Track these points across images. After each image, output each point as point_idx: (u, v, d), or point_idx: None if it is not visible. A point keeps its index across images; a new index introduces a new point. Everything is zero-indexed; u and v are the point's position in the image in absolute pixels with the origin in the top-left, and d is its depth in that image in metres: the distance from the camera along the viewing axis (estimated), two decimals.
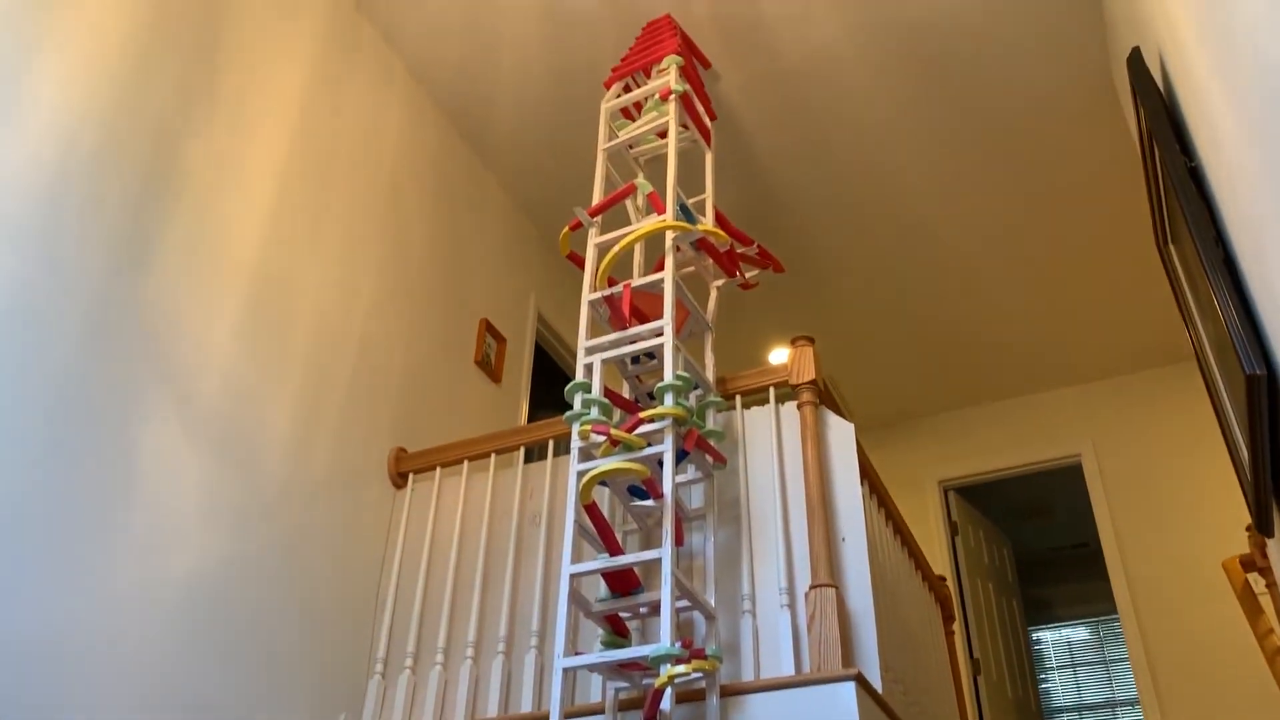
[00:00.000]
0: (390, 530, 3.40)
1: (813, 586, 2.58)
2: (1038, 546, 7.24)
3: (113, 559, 2.45)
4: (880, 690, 2.49)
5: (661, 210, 2.99)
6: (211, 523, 2.75)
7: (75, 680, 2.29)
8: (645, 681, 2.48)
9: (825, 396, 2.96)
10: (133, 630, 2.46)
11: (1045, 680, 7.29)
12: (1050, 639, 7.49)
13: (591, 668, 2.44)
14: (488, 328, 4.29)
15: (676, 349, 2.74)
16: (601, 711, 2.55)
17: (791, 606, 2.61)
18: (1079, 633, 7.44)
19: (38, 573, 2.27)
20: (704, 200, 3.29)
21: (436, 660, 3.01)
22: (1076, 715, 7.12)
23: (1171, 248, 2.97)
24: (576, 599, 2.50)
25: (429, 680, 2.99)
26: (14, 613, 2.20)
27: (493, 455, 3.35)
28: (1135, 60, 2.85)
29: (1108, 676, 7.20)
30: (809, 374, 2.89)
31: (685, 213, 3.05)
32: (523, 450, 3.36)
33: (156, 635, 2.51)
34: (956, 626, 4.32)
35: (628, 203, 3.21)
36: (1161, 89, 2.76)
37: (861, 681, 2.38)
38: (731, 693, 2.45)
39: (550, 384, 5.01)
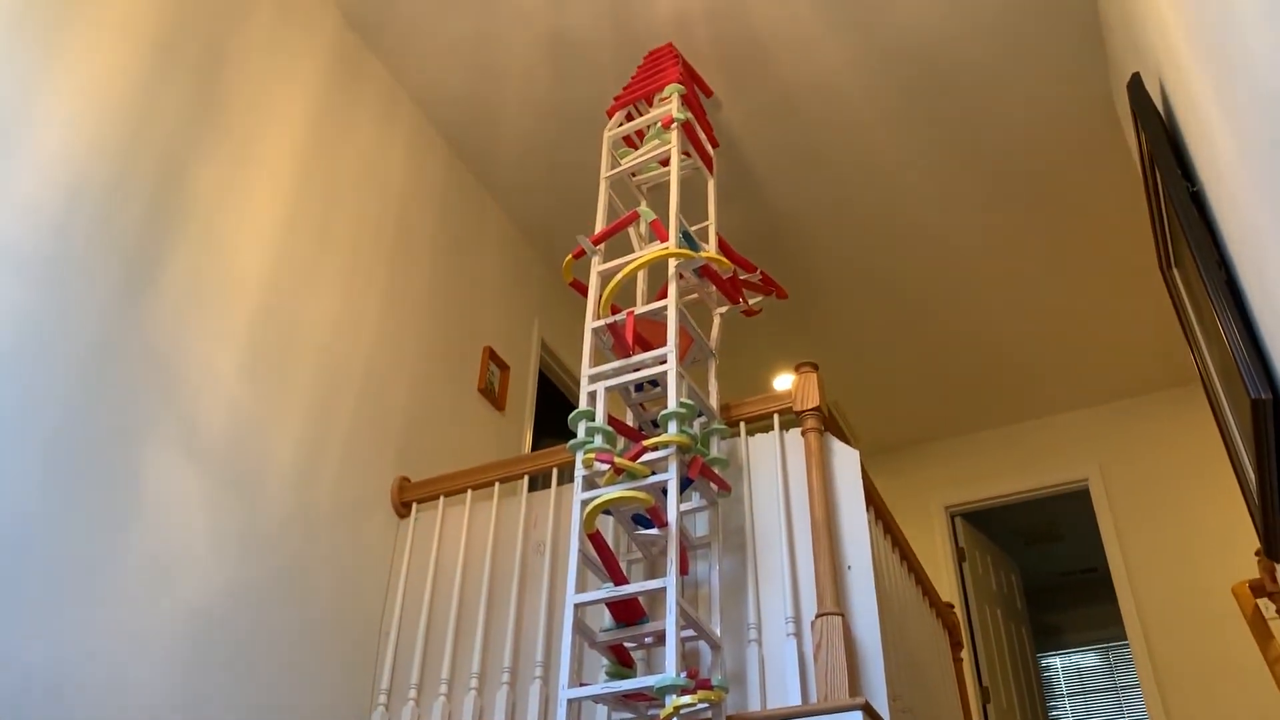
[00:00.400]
0: (394, 559, 3.38)
1: (819, 615, 2.56)
2: (1046, 572, 7.19)
3: (117, 587, 2.44)
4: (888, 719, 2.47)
5: (664, 238, 2.99)
6: (215, 552, 2.74)
7: (76, 709, 2.28)
8: (651, 712, 2.46)
9: (830, 423, 2.96)
10: (135, 659, 2.44)
11: (1055, 707, 7.22)
12: (1060, 665, 7.43)
13: (596, 699, 2.42)
14: (491, 355, 4.29)
15: (680, 376, 2.73)
16: None
17: (798, 635, 2.59)
18: (1089, 659, 7.38)
19: (40, 601, 2.26)
20: (707, 227, 3.30)
21: (440, 691, 2.99)
22: None
23: (1175, 271, 2.97)
24: (581, 629, 2.48)
25: (433, 711, 2.97)
26: (16, 641, 2.18)
27: (496, 484, 3.34)
28: (1136, 85, 2.86)
29: (1118, 702, 7.13)
30: (813, 400, 2.88)
31: (688, 240, 3.05)
32: (526, 479, 3.35)
33: (159, 665, 2.50)
34: (965, 654, 4.29)
35: (630, 230, 3.22)
36: (1162, 113, 2.77)
37: (869, 711, 2.35)
38: None
39: (554, 412, 5.01)
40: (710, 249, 3.17)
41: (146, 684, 2.46)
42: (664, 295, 2.88)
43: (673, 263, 2.92)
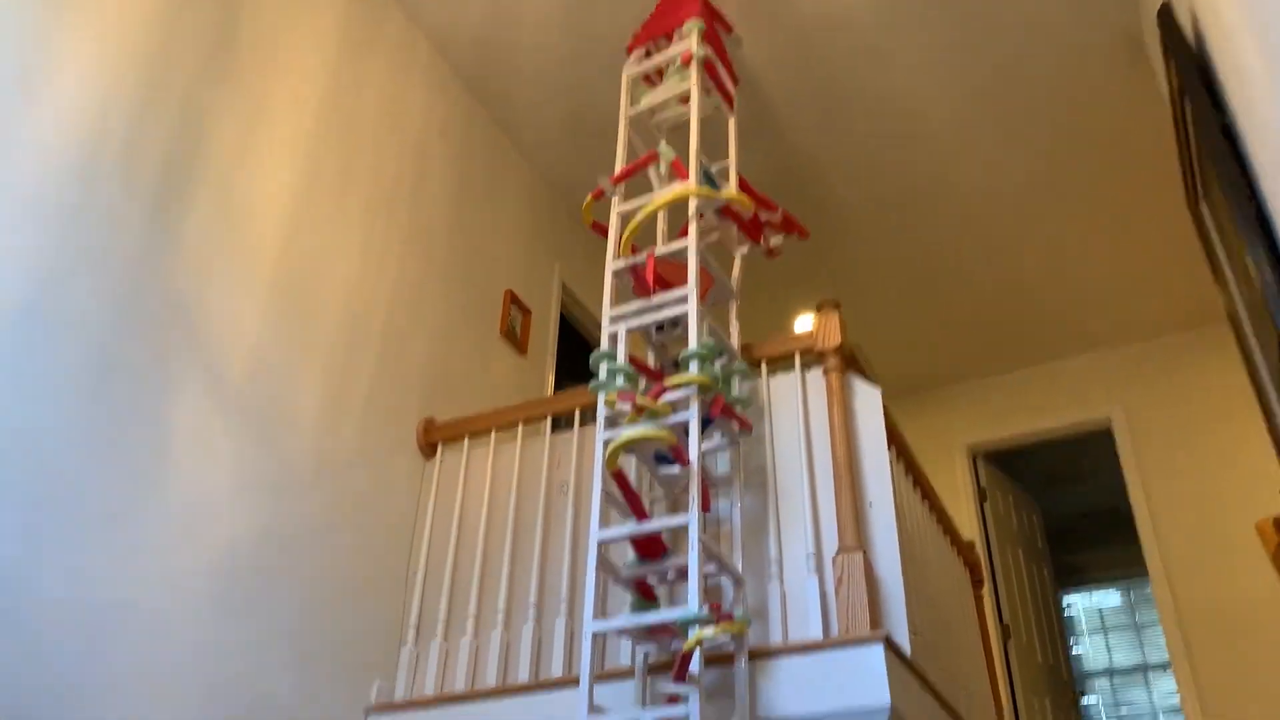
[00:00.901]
0: (420, 500, 3.43)
1: (840, 551, 2.58)
2: (1068, 512, 7.20)
3: (148, 533, 2.50)
4: (909, 653, 2.50)
5: (684, 176, 2.97)
6: (244, 497, 2.79)
7: (109, 652, 2.34)
8: (674, 645, 2.50)
9: (851, 362, 2.95)
10: (168, 603, 2.50)
11: (1076, 645, 7.28)
12: (1081, 604, 7.47)
13: (621, 632, 2.46)
14: (512, 299, 4.30)
15: (701, 316, 2.73)
16: (631, 675, 2.58)
17: (819, 571, 2.62)
18: (1110, 597, 7.42)
19: (72, 547, 2.31)
20: (727, 166, 3.27)
21: (468, 627, 3.05)
22: (1108, 679, 7.11)
23: (1203, 206, 2.92)
24: (604, 565, 2.52)
25: (460, 647, 3.03)
26: (48, 587, 2.24)
27: (520, 424, 3.37)
28: (1166, 14, 2.80)
29: (1139, 640, 7.17)
30: (835, 339, 2.88)
31: (708, 179, 3.03)
32: (550, 420, 3.38)
33: (192, 608, 2.56)
34: (986, 592, 4.32)
35: (650, 171, 3.20)
36: (1193, 44, 2.71)
37: (890, 644, 2.38)
38: (760, 656, 2.47)
39: (576, 356, 5.02)
40: (731, 188, 3.15)
41: (179, 627, 2.52)
42: (684, 235, 2.87)
43: (693, 202, 2.90)
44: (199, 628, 2.56)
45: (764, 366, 3.01)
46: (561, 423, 3.53)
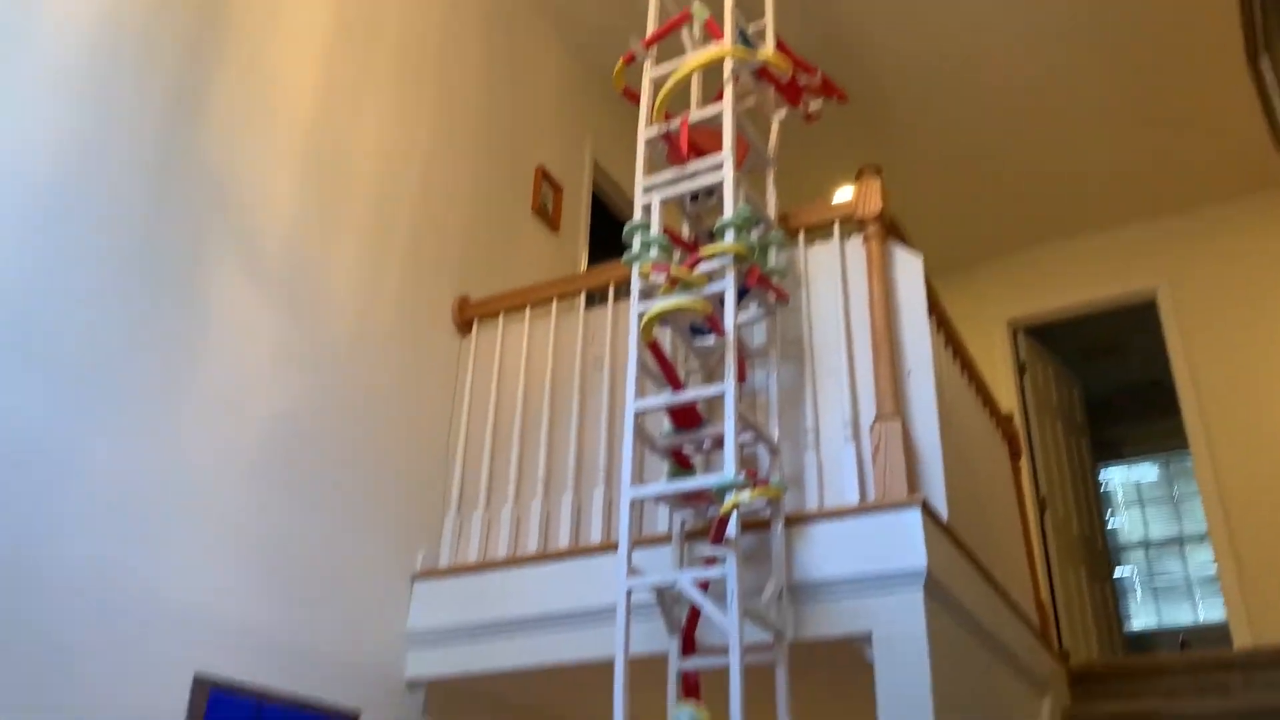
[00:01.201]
0: (458, 376, 3.45)
1: (878, 419, 2.57)
2: (1108, 385, 7.13)
3: (190, 408, 2.53)
4: (945, 519, 2.50)
5: (719, 37, 2.87)
6: (284, 373, 2.82)
7: (155, 521, 2.40)
8: (710, 511, 2.52)
9: (892, 229, 2.89)
10: (215, 478, 2.55)
11: (1112, 518, 7.31)
12: (1119, 478, 7.47)
13: (658, 498, 2.49)
14: (544, 175, 4.23)
15: (737, 183, 2.67)
16: (668, 541, 2.62)
17: (856, 439, 2.61)
18: (1148, 471, 7.41)
19: (117, 420, 2.36)
20: (764, 27, 3.15)
21: (508, 497, 3.10)
22: (1143, 551, 7.16)
23: (1264, 61, 2.78)
24: (641, 435, 2.53)
25: (501, 516, 3.09)
26: (92, 462, 2.29)
27: (554, 300, 3.35)
28: None
29: (1176, 513, 7.19)
30: (875, 206, 2.81)
31: (744, 40, 2.92)
32: (584, 296, 3.36)
33: (238, 483, 2.61)
34: (1023, 464, 4.30)
35: (683, 32, 3.08)
36: None
37: (926, 509, 2.39)
38: (796, 522, 2.49)
39: (608, 235, 4.96)
40: (768, 49, 3.03)
41: (226, 501, 2.58)
42: (719, 100, 2.78)
43: (728, 64, 2.80)
44: (244, 498, 2.62)
45: (801, 236, 2.96)
46: (595, 299, 3.51)
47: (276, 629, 2.62)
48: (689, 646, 2.43)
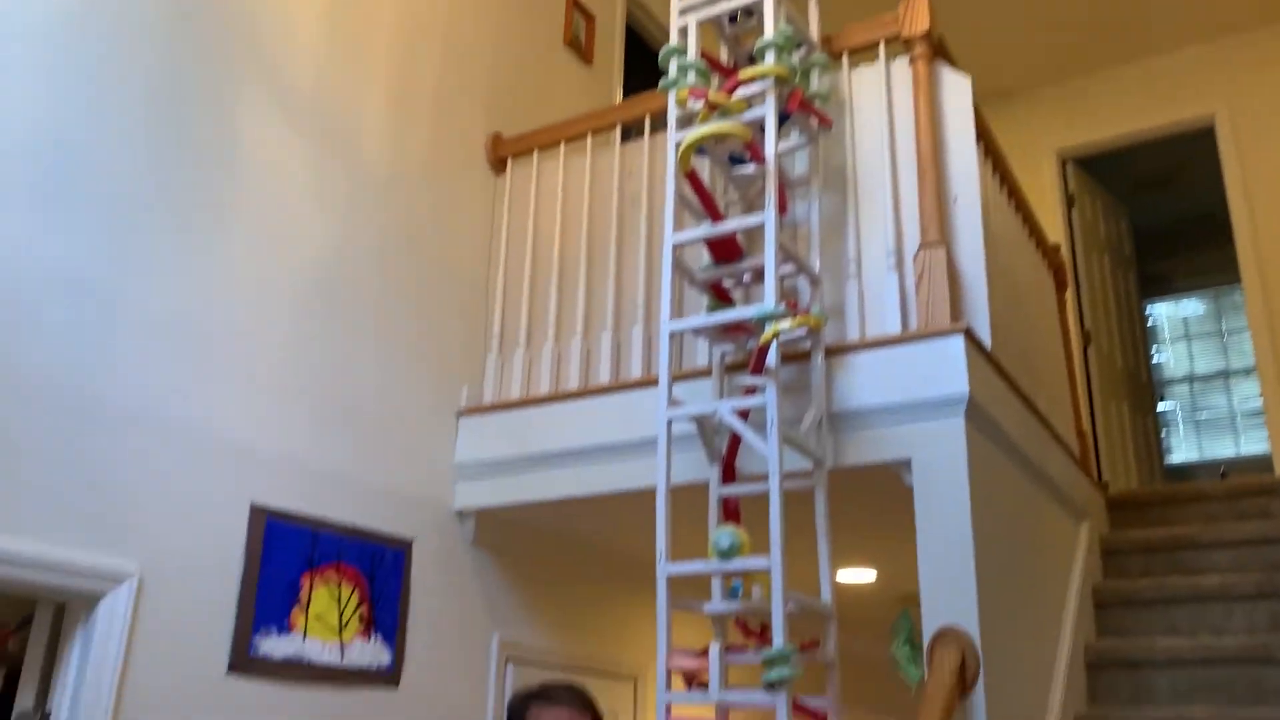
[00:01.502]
0: (494, 214, 3.42)
1: (922, 247, 2.52)
2: (1158, 218, 6.93)
3: (226, 245, 2.54)
4: (989, 347, 2.48)
5: None
6: (319, 212, 2.80)
7: (197, 356, 2.44)
8: (750, 345, 2.51)
9: (940, 49, 2.76)
10: (253, 312, 2.58)
11: (1157, 353, 7.24)
12: (1165, 313, 7.36)
13: (697, 331, 2.48)
14: (575, 4, 4.07)
15: (778, 2, 2.54)
16: (708, 374, 2.62)
17: (899, 268, 2.57)
18: (1195, 306, 7.28)
19: (155, 258, 2.37)
20: None
21: (548, 336, 3.11)
22: (1188, 385, 7.11)
23: None
24: (680, 268, 2.50)
25: (543, 355, 3.11)
26: (138, 300, 2.31)
27: (589, 135, 3.28)
28: None
29: (1223, 347, 7.10)
30: (922, 24, 2.67)
31: None
32: (619, 129, 3.28)
33: (276, 317, 2.64)
34: (1069, 297, 4.22)
35: None
36: None
37: (970, 336, 2.36)
38: (836, 352, 2.48)
39: (644, 68, 4.80)
40: None
41: (271, 338, 2.61)
42: None
43: None
44: (288, 335, 2.65)
45: (845, 58, 2.84)
46: (631, 133, 3.42)
47: (328, 462, 2.69)
48: (729, 475, 2.47)
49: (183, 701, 2.24)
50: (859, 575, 3.79)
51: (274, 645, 2.43)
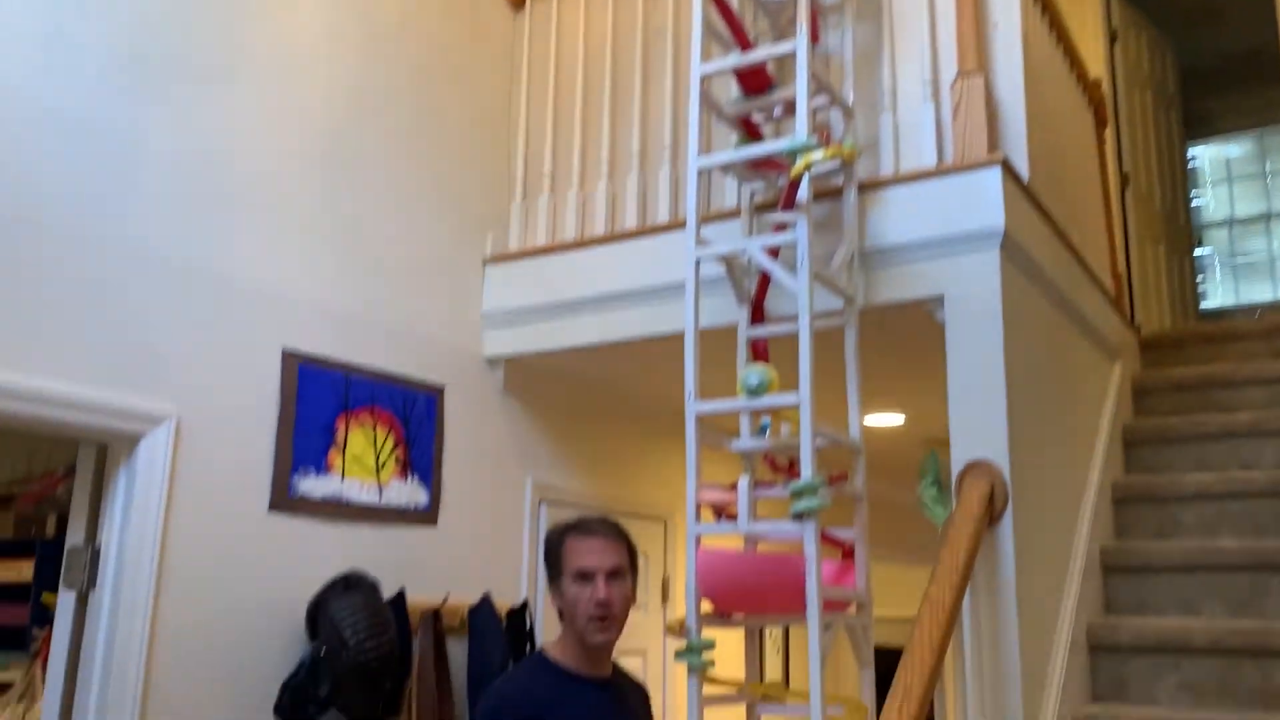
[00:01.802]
0: (514, 54, 3.31)
1: (959, 76, 2.42)
2: (1205, 55, 6.63)
3: (242, 88, 2.48)
4: (1026, 180, 2.41)
5: None
6: (334, 50, 2.73)
7: (221, 208, 2.42)
8: (780, 182, 2.45)
9: None
10: (272, 154, 2.54)
11: (1197, 197, 7.05)
12: (1208, 156, 7.13)
13: (726, 167, 2.42)
14: None
15: None
16: (738, 215, 2.57)
17: (935, 98, 2.47)
18: (1238, 149, 7.04)
19: (171, 103, 2.32)
20: None
21: (573, 182, 3.05)
22: (1227, 230, 6.95)
23: None
24: (708, 101, 2.42)
25: (568, 199, 3.06)
26: (156, 142, 2.28)
27: None
28: None
29: (1265, 190, 6.90)
30: None
31: None
32: None
33: (295, 159, 2.60)
34: (1109, 135, 4.07)
35: None
36: None
37: (1007, 168, 2.29)
38: (870, 187, 2.42)
39: None
40: None
41: (290, 184, 2.58)
42: None
43: None
44: (308, 181, 2.62)
45: None
46: None
47: (355, 309, 2.69)
48: (758, 315, 2.45)
49: (227, 537, 2.31)
50: (886, 420, 3.80)
51: (313, 485, 2.49)
